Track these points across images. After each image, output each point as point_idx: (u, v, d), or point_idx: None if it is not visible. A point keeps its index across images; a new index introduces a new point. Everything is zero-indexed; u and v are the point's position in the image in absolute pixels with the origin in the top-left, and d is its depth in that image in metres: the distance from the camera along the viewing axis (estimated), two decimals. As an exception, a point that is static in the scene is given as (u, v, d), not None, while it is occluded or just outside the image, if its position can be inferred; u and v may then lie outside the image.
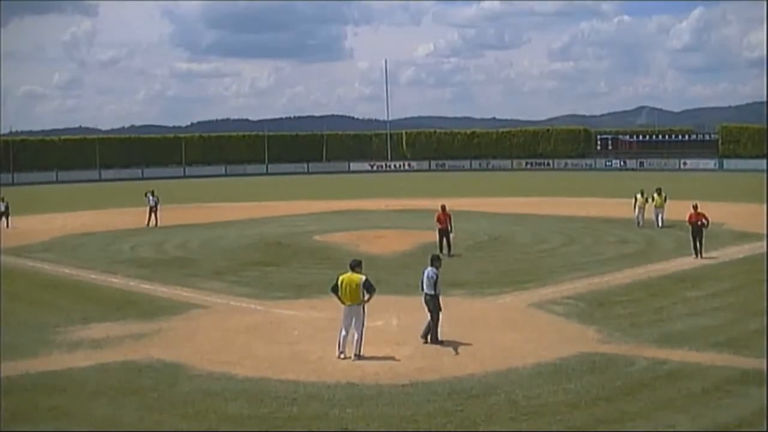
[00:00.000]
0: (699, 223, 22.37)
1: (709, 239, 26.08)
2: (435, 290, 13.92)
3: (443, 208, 24.24)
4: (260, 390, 11.34)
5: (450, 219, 23.87)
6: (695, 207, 23.03)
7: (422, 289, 14.14)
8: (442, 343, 13.63)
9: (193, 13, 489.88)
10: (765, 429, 9.63)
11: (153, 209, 33.73)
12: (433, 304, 13.88)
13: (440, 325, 13.84)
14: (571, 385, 11.33)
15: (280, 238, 28.80)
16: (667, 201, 30.17)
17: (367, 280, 13.05)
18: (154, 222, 33.57)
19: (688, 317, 15.44)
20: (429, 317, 13.91)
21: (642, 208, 29.98)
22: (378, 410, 10.48)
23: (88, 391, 11.44)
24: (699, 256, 22.12)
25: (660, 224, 29.37)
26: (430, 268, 14.13)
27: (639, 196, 30.29)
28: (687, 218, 22.75)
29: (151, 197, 33.98)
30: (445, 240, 23.54)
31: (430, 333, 13.83)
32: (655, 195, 30.25)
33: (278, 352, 13.47)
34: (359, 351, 12.95)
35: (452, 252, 23.32)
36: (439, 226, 23.84)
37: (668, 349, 13.16)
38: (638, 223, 29.64)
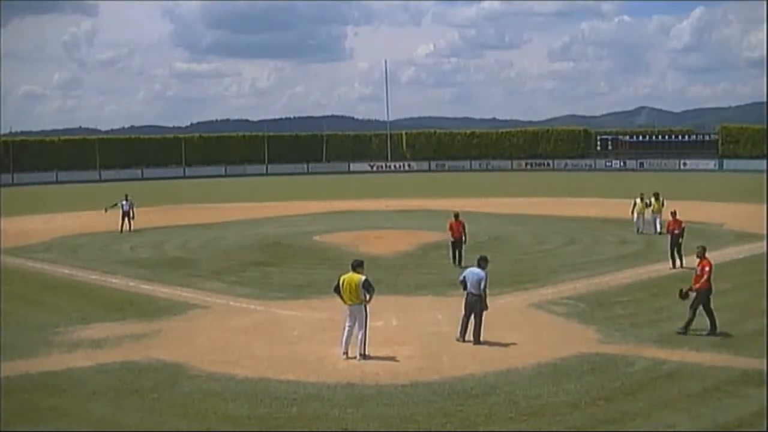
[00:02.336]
0: (676, 231, 21.38)
1: (709, 239, 26.05)
2: (482, 291, 14.05)
3: (456, 216, 22.40)
4: (260, 390, 11.35)
5: (464, 228, 22.09)
6: (674, 214, 22.14)
7: (464, 289, 14.12)
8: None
9: (193, 13, 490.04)
10: (765, 429, 9.64)
11: (127, 214, 31.78)
12: (481, 305, 13.96)
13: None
14: (571, 385, 11.35)
15: (280, 238, 28.81)
16: (665, 205, 28.87)
17: (366, 280, 13.05)
18: (128, 227, 31.59)
19: (688, 317, 15.43)
20: (464, 317, 14.01)
21: (642, 214, 28.64)
22: (378, 410, 10.49)
23: (88, 392, 11.45)
24: (679, 265, 20.96)
25: (658, 229, 27.99)
26: (478, 270, 14.18)
27: (638, 201, 28.92)
28: (666, 226, 22.11)
29: (124, 202, 32.06)
30: (458, 251, 21.78)
31: (474, 332, 13.88)
32: (653, 199, 28.84)
33: (278, 352, 13.48)
34: (364, 351, 12.97)
35: (464, 264, 20.90)
36: (452, 236, 22.08)
37: (668, 349, 13.18)
38: (638, 229, 28.28)
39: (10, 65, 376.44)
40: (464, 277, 14.23)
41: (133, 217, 31.97)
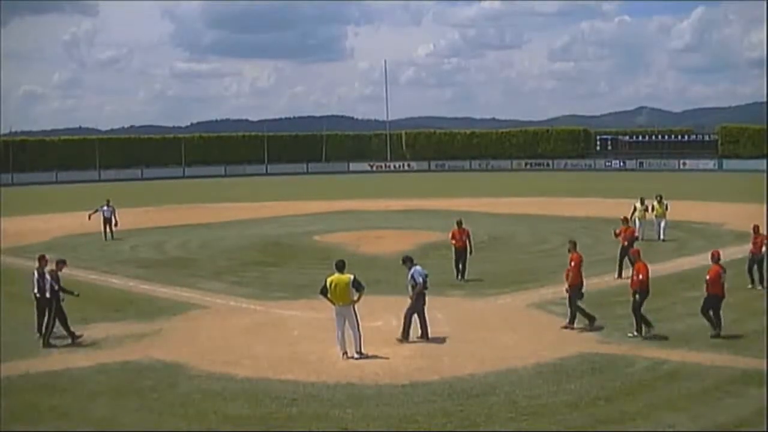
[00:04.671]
0: (625, 243, 20.01)
1: (709, 239, 26.09)
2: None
3: (459, 223, 20.34)
4: (260, 390, 11.35)
5: (469, 237, 20.02)
6: (625, 221, 21.00)
7: (424, 287, 14.10)
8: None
9: (193, 13, 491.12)
10: (765, 429, 9.64)
11: (108, 221, 29.66)
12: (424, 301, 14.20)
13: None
14: (571, 385, 11.35)
15: (280, 238, 28.80)
16: (669, 209, 27.22)
17: (355, 278, 13.11)
18: (110, 234, 29.57)
19: (688, 317, 15.43)
20: (421, 314, 14.10)
21: (642, 219, 26.46)
22: (378, 410, 10.49)
23: (88, 391, 11.46)
24: (621, 275, 19.55)
25: (662, 236, 26.45)
26: (420, 268, 14.40)
27: (638, 204, 26.63)
28: (618, 233, 20.87)
29: (106, 208, 29.97)
30: (461, 263, 19.91)
31: (424, 328, 14.09)
32: (655, 203, 26.87)
33: (278, 352, 13.48)
34: (360, 349, 13.01)
35: (467, 277, 19.87)
36: (455, 245, 20.05)
37: (668, 349, 13.18)
38: (640, 236, 25.09)
39: (10, 65, 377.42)
40: (418, 276, 14.15)
41: (115, 225, 29.82)
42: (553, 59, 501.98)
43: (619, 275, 19.68)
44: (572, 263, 15.23)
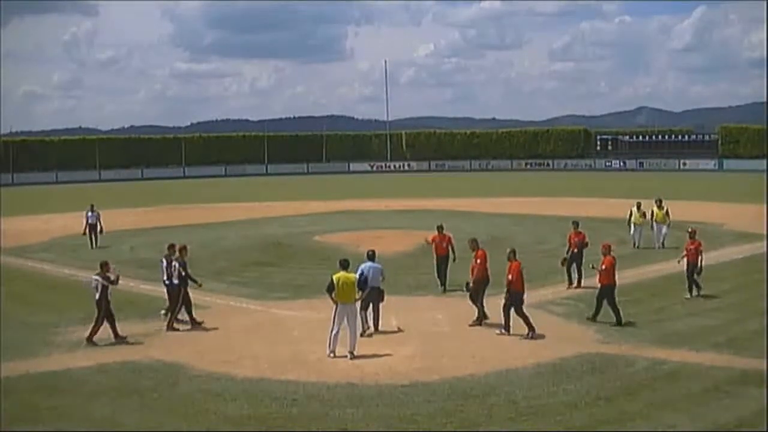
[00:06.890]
0: (575, 249, 19.18)
1: (709, 239, 26.01)
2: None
3: (440, 228, 19.02)
4: (260, 390, 11.36)
5: (451, 243, 18.69)
6: (575, 225, 19.61)
7: (365, 284, 14.16)
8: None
9: (193, 13, 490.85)
10: (765, 429, 9.64)
11: (93, 227, 27.88)
12: (380, 296, 14.63)
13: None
14: (570, 385, 11.36)
15: (280, 238, 28.79)
16: (670, 215, 25.40)
17: (359, 278, 13.43)
18: (94, 242, 27.76)
19: (688, 317, 15.46)
20: (362, 310, 14.42)
21: (639, 225, 25.13)
22: (378, 410, 10.50)
23: (88, 392, 11.46)
24: (577, 284, 18.77)
25: (661, 244, 24.92)
26: (375, 264, 14.73)
27: (634, 210, 25.35)
28: (567, 239, 20.07)
29: (90, 213, 28.10)
30: (443, 270, 18.68)
31: (375, 322, 14.58)
32: (655, 208, 25.27)
33: (278, 352, 13.49)
34: (354, 349, 13.06)
35: (448, 287, 18.53)
36: (436, 253, 18.80)
37: (668, 349, 13.19)
38: (635, 243, 25.03)
39: (10, 65, 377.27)
40: (362, 272, 14.23)
41: (101, 231, 28.00)
42: (553, 59, 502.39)
43: (570, 284, 18.91)
44: (477, 260, 15.54)
